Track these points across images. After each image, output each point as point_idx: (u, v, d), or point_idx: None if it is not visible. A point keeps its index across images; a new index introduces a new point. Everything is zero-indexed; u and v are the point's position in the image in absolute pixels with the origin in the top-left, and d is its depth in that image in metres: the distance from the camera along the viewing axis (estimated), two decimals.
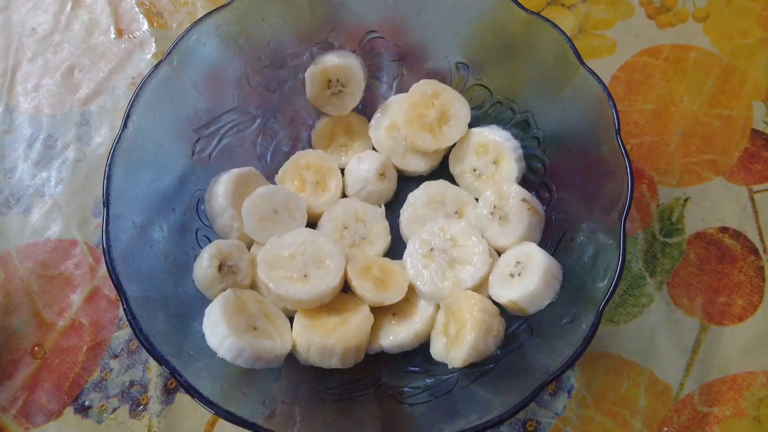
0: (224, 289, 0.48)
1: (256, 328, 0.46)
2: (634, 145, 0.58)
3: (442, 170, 0.56)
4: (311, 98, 0.54)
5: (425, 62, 0.55)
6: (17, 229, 0.57)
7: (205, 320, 0.46)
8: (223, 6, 0.49)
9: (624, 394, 0.51)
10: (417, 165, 0.55)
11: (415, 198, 0.54)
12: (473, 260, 0.49)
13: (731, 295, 0.53)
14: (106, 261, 0.42)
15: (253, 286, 0.50)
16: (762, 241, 0.55)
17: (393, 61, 0.56)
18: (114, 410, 0.52)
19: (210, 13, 0.48)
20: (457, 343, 0.45)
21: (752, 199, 0.56)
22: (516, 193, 0.50)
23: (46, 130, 0.60)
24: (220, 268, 0.48)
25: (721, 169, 0.57)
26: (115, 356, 0.53)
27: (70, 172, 0.59)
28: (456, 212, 0.53)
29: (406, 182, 0.56)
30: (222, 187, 0.50)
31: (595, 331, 0.40)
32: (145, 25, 0.64)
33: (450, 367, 0.46)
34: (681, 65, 0.61)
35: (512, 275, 0.47)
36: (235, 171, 0.51)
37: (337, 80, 0.53)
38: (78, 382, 0.53)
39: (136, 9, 0.64)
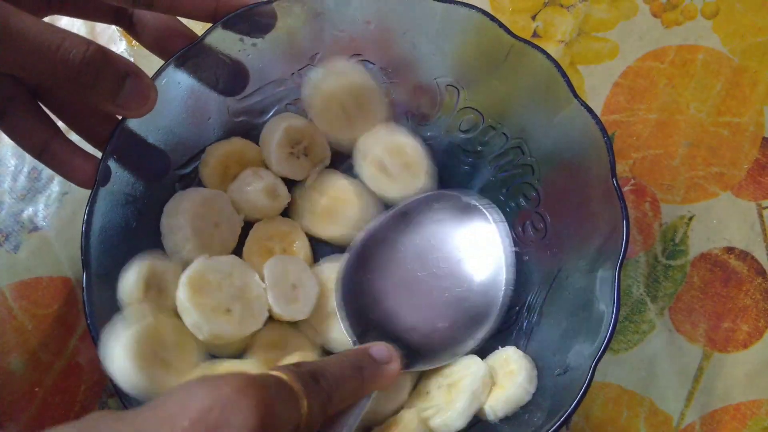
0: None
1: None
2: (637, 160, 0.55)
3: None
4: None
5: (413, 83, 0.52)
6: (8, 267, 0.57)
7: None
8: (194, 44, 0.46)
9: (623, 425, 0.50)
10: None
11: None
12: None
13: (736, 320, 0.51)
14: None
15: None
16: None
17: (381, 84, 0.53)
18: None
19: (180, 53, 0.46)
20: None
21: (761, 216, 0.53)
22: None
23: (30, 162, 0.59)
24: (148, 288, 0.45)
25: (728, 182, 0.54)
26: (112, 395, 0.54)
27: (57, 206, 0.58)
28: None
29: None
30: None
31: (585, 392, 0.39)
32: (123, 45, 0.61)
33: None
34: (688, 68, 0.57)
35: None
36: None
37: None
38: None
39: (113, 27, 0.61)
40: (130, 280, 0.44)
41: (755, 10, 0.58)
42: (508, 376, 0.44)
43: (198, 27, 0.48)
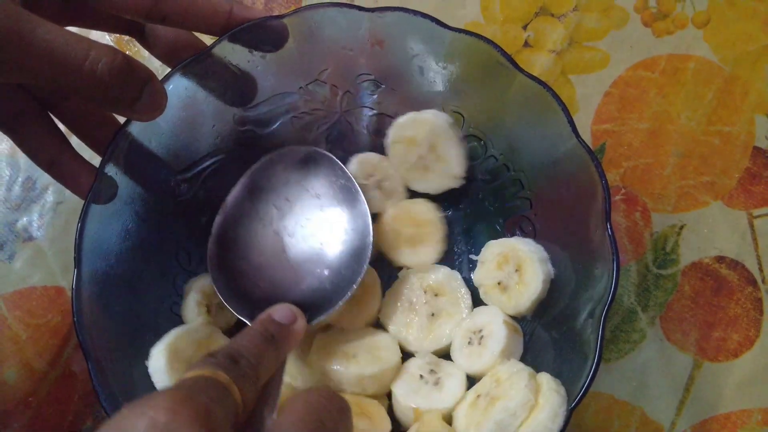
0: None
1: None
2: (627, 169, 0.55)
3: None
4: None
5: (420, 108, 0.51)
6: (3, 276, 0.57)
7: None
8: (202, 54, 0.46)
9: None
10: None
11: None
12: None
13: (726, 330, 0.51)
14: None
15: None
16: (761, 270, 0.52)
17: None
18: None
19: (187, 62, 0.45)
20: None
21: (752, 225, 0.53)
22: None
23: (24, 172, 0.59)
24: (208, 310, 0.48)
25: (719, 192, 0.54)
26: None
27: (51, 215, 0.58)
28: None
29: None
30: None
31: None
32: None
33: None
34: (679, 77, 0.57)
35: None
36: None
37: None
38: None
39: (107, 37, 0.62)
40: (191, 314, 0.48)
41: (746, 18, 0.58)
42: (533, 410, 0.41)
43: (210, 40, 0.48)
